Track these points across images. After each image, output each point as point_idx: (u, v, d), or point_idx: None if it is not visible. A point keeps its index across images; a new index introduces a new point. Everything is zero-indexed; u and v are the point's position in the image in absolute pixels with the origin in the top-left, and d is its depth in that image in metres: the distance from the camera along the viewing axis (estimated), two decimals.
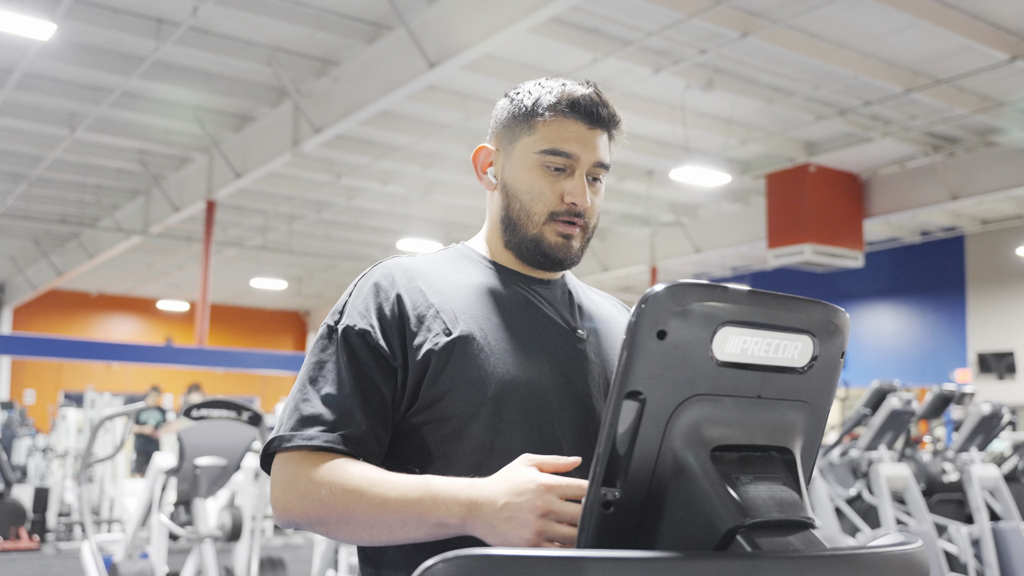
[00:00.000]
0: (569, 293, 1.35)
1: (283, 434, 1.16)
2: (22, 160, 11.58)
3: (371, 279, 1.24)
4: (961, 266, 13.86)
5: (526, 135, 1.27)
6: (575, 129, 1.26)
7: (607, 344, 1.31)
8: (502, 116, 1.32)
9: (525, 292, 1.29)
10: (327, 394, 1.16)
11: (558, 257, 1.28)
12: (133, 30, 7.83)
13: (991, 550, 5.24)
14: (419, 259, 1.31)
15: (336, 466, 1.12)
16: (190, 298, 20.45)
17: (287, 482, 1.14)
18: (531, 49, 7.96)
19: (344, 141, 10.31)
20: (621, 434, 0.78)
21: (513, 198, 1.29)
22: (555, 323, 1.27)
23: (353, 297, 1.24)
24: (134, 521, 4.85)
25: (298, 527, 1.16)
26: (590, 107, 1.26)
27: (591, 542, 0.78)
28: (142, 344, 17.32)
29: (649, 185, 11.94)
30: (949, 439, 10.94)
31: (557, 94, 1.26)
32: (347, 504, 1.09)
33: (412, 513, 1.05)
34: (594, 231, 1.32)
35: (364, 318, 1.20)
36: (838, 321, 0.86)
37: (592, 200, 1.28)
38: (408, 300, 1.21)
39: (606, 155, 1.29)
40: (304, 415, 1.16)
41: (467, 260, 1.33)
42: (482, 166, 1.34)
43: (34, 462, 10.74)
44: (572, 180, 1.26)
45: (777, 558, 0.75)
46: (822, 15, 7.30)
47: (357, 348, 1.18)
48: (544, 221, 1.27)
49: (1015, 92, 8.88)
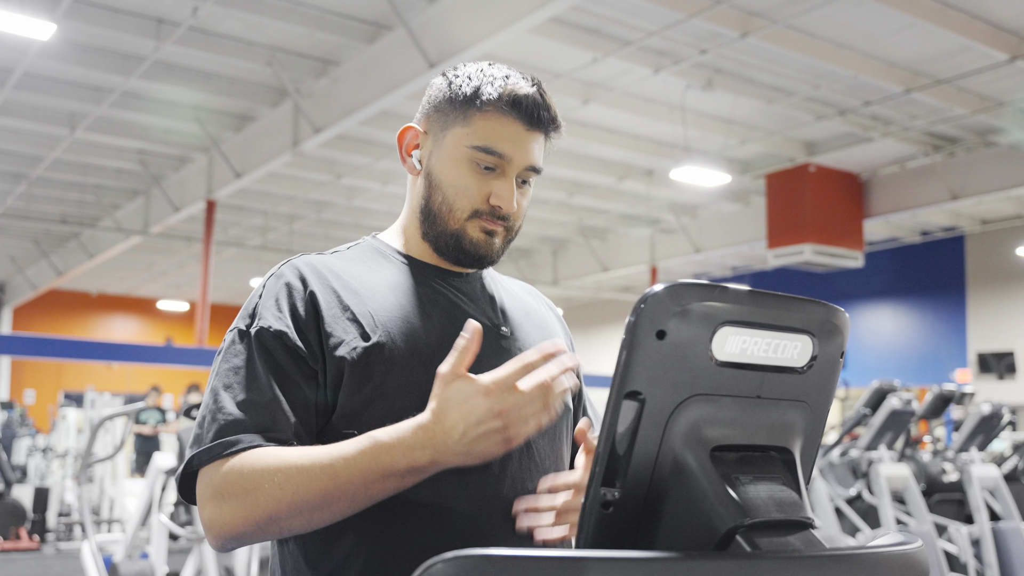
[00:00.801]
0: (487, 286, 1.28)
1: (204, 448, 1.05)
2: (22, 160, 11.59)
3: (282, 279, 1.15)
4: (961, 266, 13.86)
5: (459, 125, 1.19)
6: (512, 128, 1.18)
7: (529, 340, 1.25)
8: (436, 98, 1.23)
9: (443, 289, 1.22)
10: (245, 399, 1.07)
11: (479, 254, 1.21)
12: (133, 30, 7.84)
13: (991, 550, 5.24)
14: (330, 256, 1.23)
15: (267, 455, 1.02)
16: (190, 298, 20.46)
17: (220, 492, 1.02)
18: (531, 49, 7.96)
19: (344, 141, 10.31)
20: (620, 434, 0.78)
21: (436, 189, 1.21)
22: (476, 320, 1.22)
23: (264, 297, 1.14)
24: (134, 521, 4.85)
25: (243, 541, 1.03)
26: (532, 108, 1.18)
27: (591, 542, 0.78)
28: (142, 344, 17.32)
29: (649, 185, 11.94)
30: (949, 439, 10.94)
31: (499, 88, 1.18)
32: (295, 488, 0.99)
33: (372, 472, 0.98)
34: (517, 233, 1.25)
35: (279, 319, 1.11)
36: (838, 321, 0.86)
37: (519, 203, 1.21)
38: (322, 300, 1.13)
39: (539, 158, 1.21)
40: (223, 424, 1.05)
41: (380, 256, 1.25)
42: (407, 147, 1.26)
43: (34, 462, 10.75)
44: (501, 181, 1.19)
45: (777, 558, 0.75)
46: (822, 15, 7.30)
47: (274, 350, 1.09)
48: (466, 217, 1.19)
49: (1015, 92, 8.89)
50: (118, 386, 17.16)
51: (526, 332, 1.26)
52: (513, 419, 0.96)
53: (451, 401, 0.98)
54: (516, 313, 1.28)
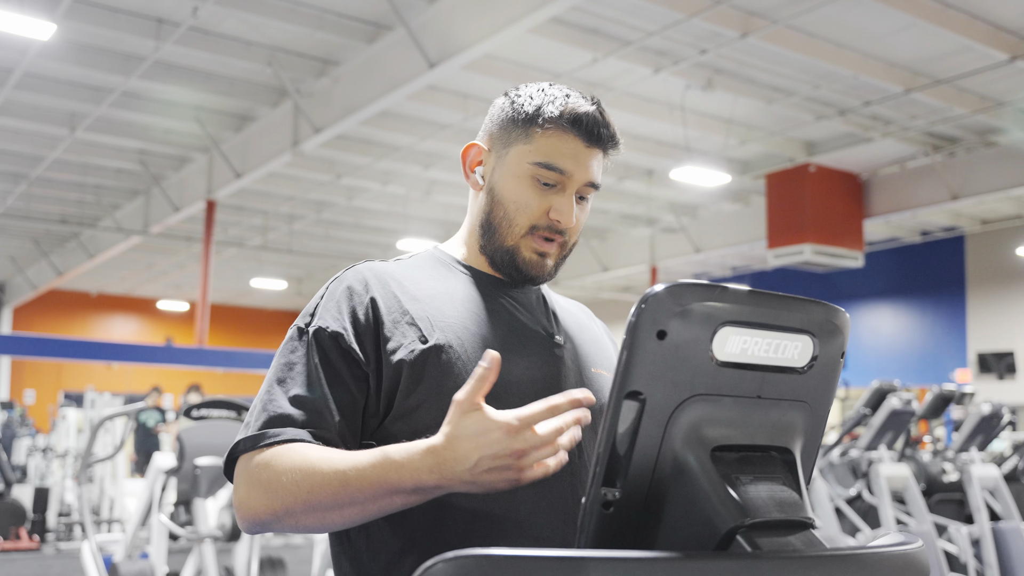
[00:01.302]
0: (544, 298, 1.32)
1: (250, 435, 1.11)
2: (22, 160, 11.59)
3: (344, 282, 1.20)
4: (961, 266, 13.86)
5: (522, 142, 1.23)
6: (572, 145, 1.22)
7: (582, 351, 1.29)
8: (499, 117, 1.28)
9: (501, 298, 1.26)
10: (296, 395, 1.12)
11: (531, 274, 1.25)
12: (133, 30, 7.83)
13: (991, 550, 5.24)
14: (393, 264, 1.27)
15: (294, 452, 1.07)
16: (190, 298, 20.46)
17: (250, 479, 1.09)
18: (531, 49, 7.96)
19: (344, 141, 10.31)
20: (621, 434, 0.78)
21: (498, 204, 1.25)
22: (532, 330, 1.25)
23: (325, 300, 1.19)
24: (134, 521, 4.84)
25: (266, 527, 1.09)
26: (592, 126, 1.22)
27: (591, 542, 0.78)
28: (142, 344, 17.33)
29: (649, 185, 11.94)
30: (949, 439, 10.94)
31: (560, 106, 1.22)
32: (310, 487, 1.03)
33: (379, 487, 1.01)
34: (572, 249, 1.29)
35: (337, 321, 1.16)
36: (838, 321, 0.86)
37: (578, 219, 1.26)
38: (383, 305, 1.18)
39: (598, 175, 1.26)
40: (272, 415, 1.11)
41: (442, 265, 1.29)
42: (471, 164, 1.30)
43: (34, 462, 10.75)
44: (561, 197, 1.23)
45: (777, 558, 0.75)
46: (822, 15, 7.30)
47: (329, 350, 1.14)
48: (524, 233, 1.23)
49: (1015, 92, 8.89)
50: (118, 386, 17.16)
51: (579, 343, 1.30)
52: (527, 460, 0.97)
53: (467, 431, 0.98)
54: (570, 324, 1.32)
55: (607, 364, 1.33)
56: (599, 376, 1.29)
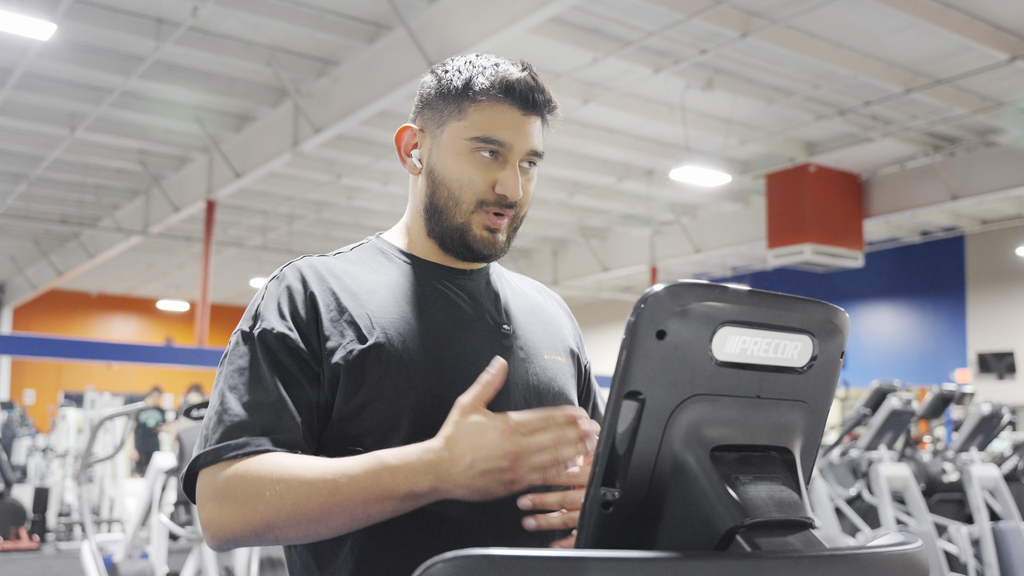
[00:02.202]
0: (493, 283, 1.28)
1: (210, 448, 1.05)
2: (22, 160, 11.59)
3: (283, 281, 1.16)
4: (961, 266, 13.86)
5: (455, 119, 1.18)
6: (509, 115, 1.17)
7: (533, 338, 1.24)
8: (428, 95, 1.22)
9: (445, 289, 1.22)
10: (251, 400, 1.07)
11: (483, 252, 1.21)
12: (133, 30, 7.84)
13: (991, 550, 5.24)
14: (332, 259, 1.22)
15: (272, 462, 1.02)
16: (190, 298, 20.46)
17: (221, 494, 1.03)
18: (531, 49, 7.96)
19: (344, 141, 10.31)
20: (620, 434, 0.78)
21: (440, 185, 1.20)
22: (478, 321, 1.20)
23: (266, 300, 1.15)
24: (134, 521, 4.85)
25: (239, 543, 1.04)
26: (525, 92, 1.17)
27: (591, 542, 0.78)
28: (142, 344, 17.32)
29: (649, 185, 11.94)
30: (949, 439, 10.94)
31: (490, 76, 1.17)
32: (296, 499, 0.99)
33: (372, 492, 0.98)
34: (523, 220, 1.24)
35: (281, 321, 1.12)
36: (838, 321, 0.86)
37: (525, 189, 1.21)
38: (321, 302, 1.14)
39: (539, 142, 1.21)
40: (229, 425, 1.05)
41: (383, 256, 1.25)
42: (406, 148, 1.25)
43: (34, 462, 10.75)
44: (504, 169, 1.18)
45: (777, 558, 0.75)
46: (822, 15, 7.30)
47: (277, 351, 1.10)
48: (472, 210, 1.19)
49: (1015, 92, 8.89)
50: (118, 386, 17.17)
51: (529, 330, 1.25)
52: (522, 464, 0.96)
53: (466, 431, 0.97)
54: (520, 311, 1.27)
55: (561, 347, 1.29)
56: (553, 362, 1.25)
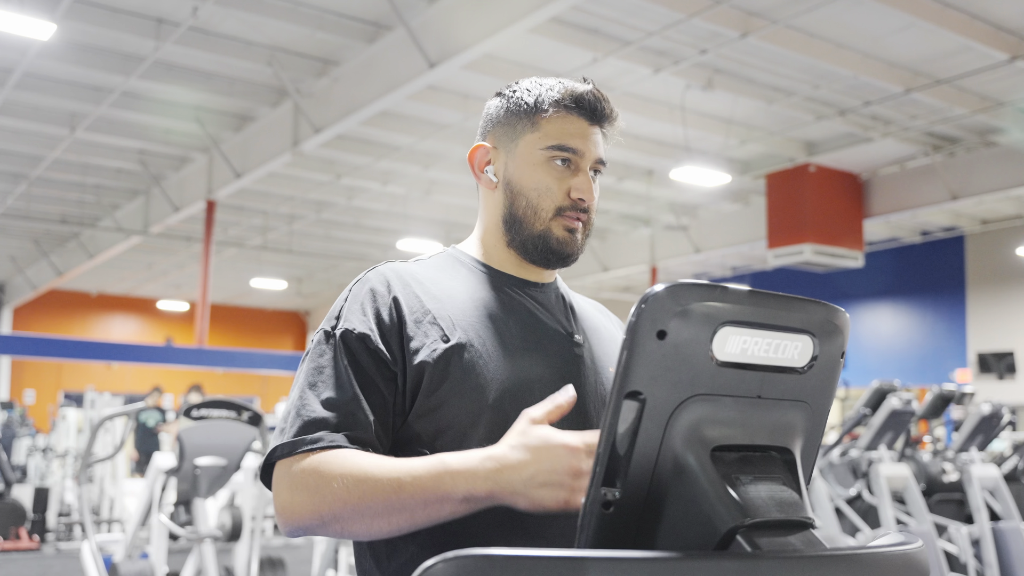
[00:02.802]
0: (563, 297, 1.34)
1: (286, 441, 1.12)
2: (22, 160, 11.59)
3: (367, 284, 1.22)
4: (961, 266, 13.86)
5: (529, 132, 1.27)
6: (578, 125, 1.26)
7: (600, 350, 1.30)
8: (498, 114, 1.31)
9: (520, 297, 1.28)
10: (328, 398, 1.13)
11: (565, 252, 1.27)
12: (133, 30, 7.83)
13: (991, 550, 5.24)
14: (413, 264, 1.30)
15: (344, 458, 1.08)
16: (190, 298, 20.46)
17: (294, 483, 1.10)
18: (531, 49, 7.96)
19: (344, 141, 10.31)
20: (621, 434, 0.78)
21: (519, 195, 1.27)
22: (552, 328, 1.26)
23: (350, 302, 1.21)
24: (134, 521, 4.85)
25: (308, 531, 1.10)
26: (593, 103, 1.26)
27: (591, 542, 0.78)
28: (142, 344, 17.32)
29: (649, 185, 11.94)
30: (949, 439, 10.94)
31: (560, 91, 1.27)
32: (362, 493, 1.05)
33: (432, 493, 1.02)
34: (592, 226, 1.32)
35: (363, 322, 1.18)
36: (838, 321, 0.86)
37: (595, 195, 1.29)
38: (405, 305, 1.19)
39: (604, 151, 1.30)
40: (307, 420, 1.12)
41: (461, 265, 1.31)
42: (479, 165, 1.33)
43: (34, 462, 10.75)
44: (578, 176, 1.26)
45: (777, 558, 0.75)
46: (822, 15, 7.30)
47: (357, 352, 1.16)
48: (551, 216, 1.26)
49: (1015, 92, 8.89)
50: (118, 386, 17.16)
51: (597, 342, 1.31)
52: (582, 483, 0.97)
53: (531, 442, 1.00)
54: (588, 324, 1.33)
55: None
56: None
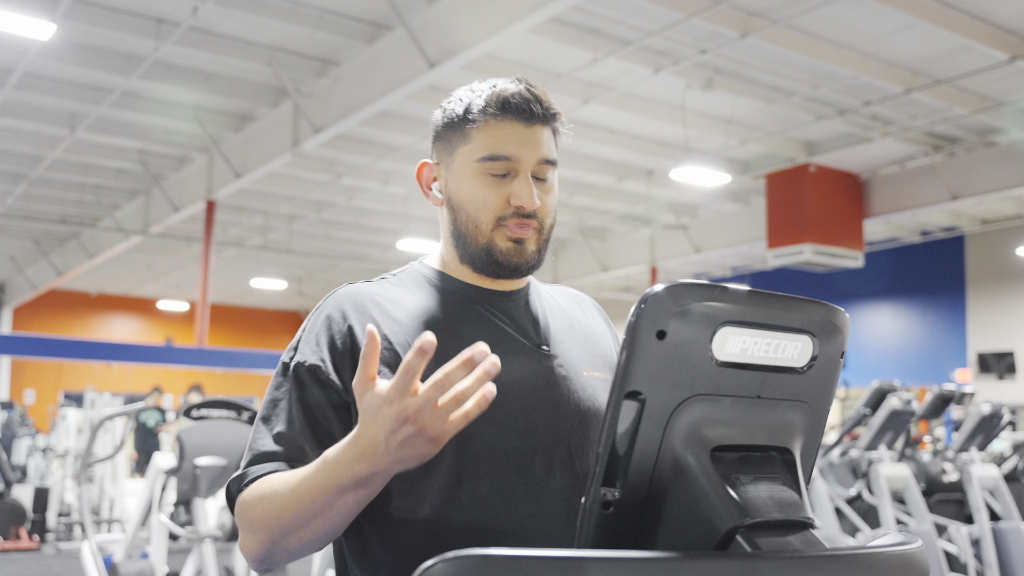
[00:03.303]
0: (532, 304, 1.29)
1: (236, 475, 1.13)
2: (22, 160, 11.59)
3: (323, 312, 1.20)
4: (961, 266, 13.86)
5: (462, 144, 1.22)
6: (511, 130, 1.20)
7: (572, 356, 1.26)
8: (437, 128, 1.27)
9: (485, 311, 1.24)
10: (279, 432, 1.13)
11: (512, 264, 1.22)
12: (133, 30, 7.83)
13: (991, 550, 5.24)
14: (373, 286, 1.25)
15: (262, 483, 1.09)
16: (190, 298, 20.46)
17: (240, 520, 1.11)
18: (531, 49, 7.96)
19: (344, 141, 10.31)
20: (621, 434, 0.78)
21: (459, 211, 1.23)
22: (518, 342, 1.22)
23: (307, 332, 1.20)
24: (134, 521, 4.85)
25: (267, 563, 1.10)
26: (522, 104, 1.20)
27: (591, 542, 0.78)
28: (142, 344, 17.32)
29: (649, 185, 11.94)
30: (949, 439, 10.94)
31: (486, 97, 1.21)
32: (278, 512, 1.05)
33: (327, 490, 1.00)
34: (551, 232, 1.26)
35: (315, 353, 1.16)
36: (838, 321, 0.86)
37: (542, 200, 1.23)
38: (360, 332, 1.17)
39: (550, 151, 1.24)
40: (257, 453, 1.13)
41: (424, 280, 1.28)
42: (427, 183, 1.29)
43: (34, 462, 10.74)
44: (516, 183, 1.21)
45: (777, 558, 0.75)
46: (822, 15, 7.30)
47: (307, 384, 1.15)
48: (492, 228, 1.21)
49: (1015, 92, 8.88)
50: (118, 386, 17.15)
51: (568, 348, 1.27)
52: (426, 420, 0.92)
53: (367, 413, 0.96)
54: (559, 329, 1.29)
55: (601, 363, 1.30)
56: (592, 379, 1.26)
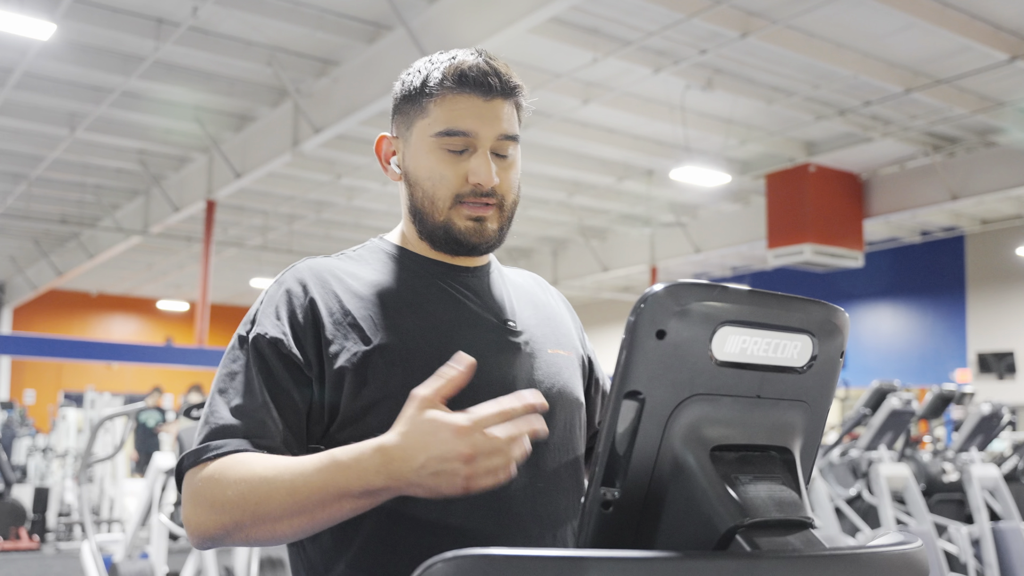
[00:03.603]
0: (496, 281, 1.27)
1: (191, 450, 1.07)
2: (22, 160, 11.59)
3: (283, 285, 1.16)
4: (961, 266, 13.86)
5: (420, 118, 1.18)
6: (469, 104, 1.16)
7: (537, 333, 1.23)
8: (396, 101, 1.22)
9: (448, 287, 1.21)
10: (237, 405, 1.08)
11: (471, 242, 1.19)
12: (133, 30, 7.83)
13: (991, 550, 5.24)
14: (333, 260, 1.22)
15: (238, 463, 1.02)
16: (190, 298, 20.46)
17: (195, 495, 1.04)
18: (531, 49, 7.96)
19: (344, 141, 10.31)
20: (620, 434, 0.78)
21: (416, 186, 1.20)
22: (483, 318, 1.19)
23: (265, 304, 1.15)
24: (134, 521, 4.85)
25: (216, 543, 1.04)
26: (480, 77, 1.16)
27: (590, 542, 0.78)
28: (142, 344, 17.32)
29: (649, 185, 11.94)
30: (949, 439, 10.94)
31: (444, 69, 1.17)
32: (258, 499, 0.99)
33: (327, 492, 0.96)
34: (514, 209, 1.22)
35: (276, 326, 1.11)
36: (838, 321, 0.86)
37: (502, 176, 1.18)
38: (323, 306, 1.13)
39: (511, 125, 1.19)
40: (213, 428, 1.07)
41: (386, 255, 1.24)
42: (386, 156, 1.25)
43: (34, 462, 10.75)
44: (475, 159, 1.16)
45: (776, 558, 0.75)
46: (822, 15, 7.30)
47: (269, 357, 1.10)
48: (450, 205, 1.17)
49: (1015, 92, 8.88)
50: (118, 386, 17.16)
51: (533, 325, 1.24)
52: (478, 467, 0.91)
53: (420, 429, 0.93)
54: (523, 306, 1.26)
55: (564, 341, 1.28)
56: (556, 356, 1.24)
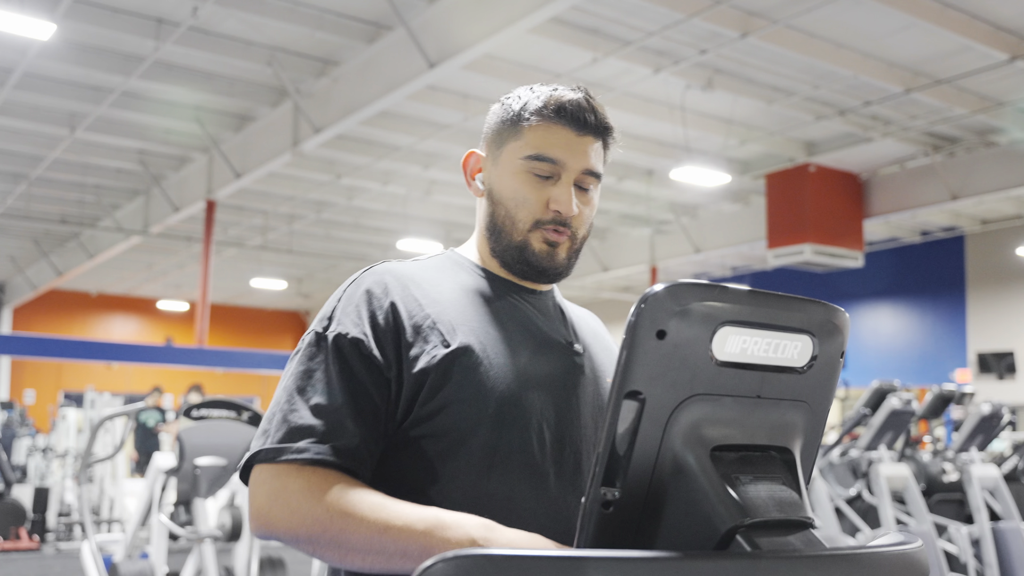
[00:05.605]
0: (560, 306, 1.32)
1: (271, 446, 1.09)
2: (22, 160, 11.59)
3: (363, 285, 1.19)
4: (961, 266, 13.86)
5: (513, 140, 1.24)
6: (562, 135, 1.22)
7: (597, 361, 1.29)
8: (492, 121, 1.29)
9: (518, 303, 1.25)
10: (317, 404, 1.10)
11: (542, 266, 1.24)
12: (133, 30, 7.83)
13: (991, 550, 5.24)
14: (410, 265, 1.26)
15: (333, 485, 1.06)
16: (190, 298, 20.46)
17: (275, 494, 1.07)
18: (531, 49, 7.96)
19: (344, 141, 10.31)
20: (621, 434, 0.78)
21: (498, 204, 1.25)
22: (551, 337, 1.24)
23: (343, 303, 1.18)
24: (134, 521, 4.85)
25: (277, 539, 1.08)
26: (577, 113, 1.22)
27: (591, 542, 0.78)
28: (142, 344, 17.31)
29: (649, 185, 11.94)
30: (949, 439, 10.94)
31: (544, 99, 1.23)
32: (344, 527, 1.02)
33: (416, 544, 0.99)
34: (583, 243, 1.28)
35: (357, 326, 1.14)
36: (838, 321, 0.86)
37: (581, 209, 1.24)
38: (403, 309, 1.16)
39: (597, 163, 1.25)
40: (293, 426, 1.09)
41: (459, 267, 1.28)
42: (471, 172, 1.31)
43: (34, 462, 10.74)
44: (558, 187, 1.22)
45: (776, 558, 0.75)
46: (822, 15, 7.30)
47: (349, 357, 1.12)
48: (529, 228, 1.23)
49: (1015, 92, 8.88)
50: (118, 386, 17.16)
51: (594, 352, 1.29)
52: None
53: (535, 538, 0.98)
54: (585, 332, 1.32)
55: None
56: None
